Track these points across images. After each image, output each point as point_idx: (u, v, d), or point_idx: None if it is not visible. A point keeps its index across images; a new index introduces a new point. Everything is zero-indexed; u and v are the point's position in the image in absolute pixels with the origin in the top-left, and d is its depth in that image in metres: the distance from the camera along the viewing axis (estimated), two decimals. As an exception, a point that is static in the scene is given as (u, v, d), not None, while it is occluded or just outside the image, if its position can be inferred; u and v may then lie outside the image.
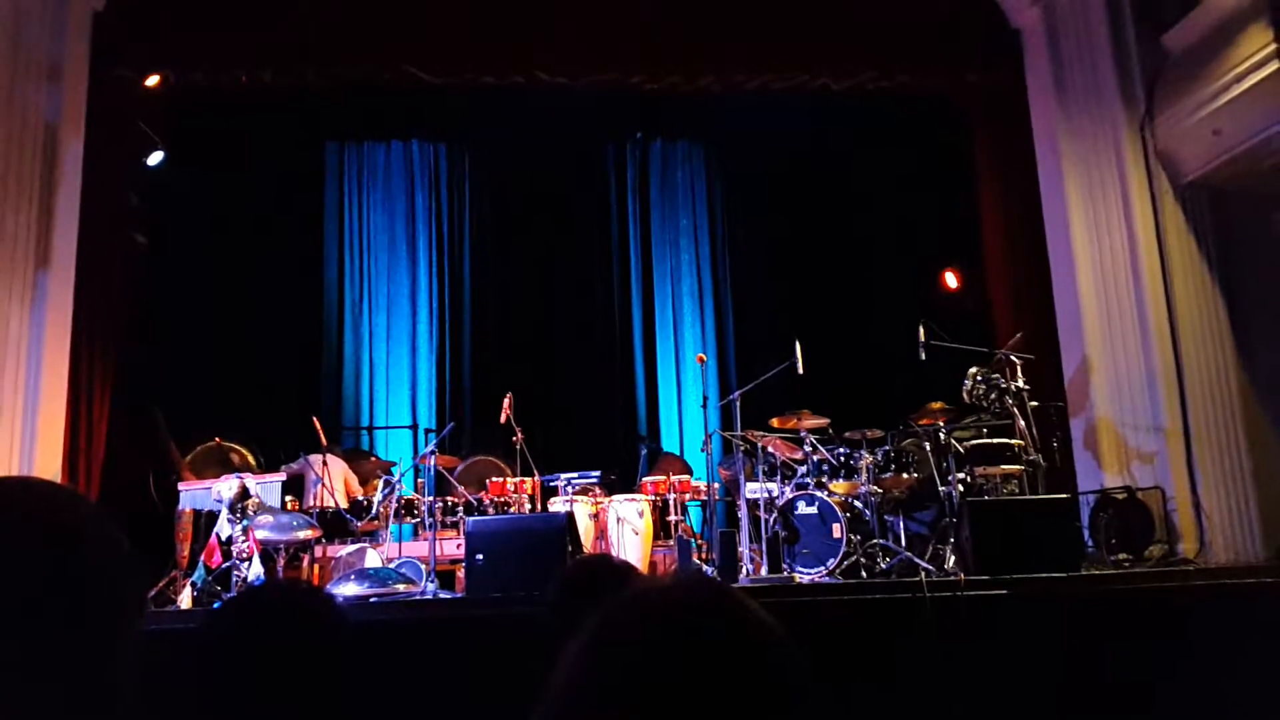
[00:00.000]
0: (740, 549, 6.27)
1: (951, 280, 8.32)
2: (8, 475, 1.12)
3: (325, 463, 6.78)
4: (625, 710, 0.88)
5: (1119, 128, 7.22)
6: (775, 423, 6.77)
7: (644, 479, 7.46)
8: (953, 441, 6.40)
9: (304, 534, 6.08)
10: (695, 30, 7.84)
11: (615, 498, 7.00)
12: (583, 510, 6.79)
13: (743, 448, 6.96)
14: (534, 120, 9.09)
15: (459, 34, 7.75)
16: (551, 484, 7.16)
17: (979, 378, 6.56)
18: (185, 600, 5.74)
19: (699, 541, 6.94)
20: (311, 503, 6.89)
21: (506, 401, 7.14)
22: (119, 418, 7.08)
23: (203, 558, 5.74)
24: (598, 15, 7.76)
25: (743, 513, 6.57)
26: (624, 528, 6.79)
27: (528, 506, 6.97)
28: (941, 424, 6.49)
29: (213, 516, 6.03)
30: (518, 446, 7.14)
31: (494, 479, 7.17)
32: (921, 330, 6.71)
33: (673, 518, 7.04)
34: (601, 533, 6.81)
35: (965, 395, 6.64)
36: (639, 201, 10.27)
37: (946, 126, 8.61)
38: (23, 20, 6.70)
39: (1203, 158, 6.89)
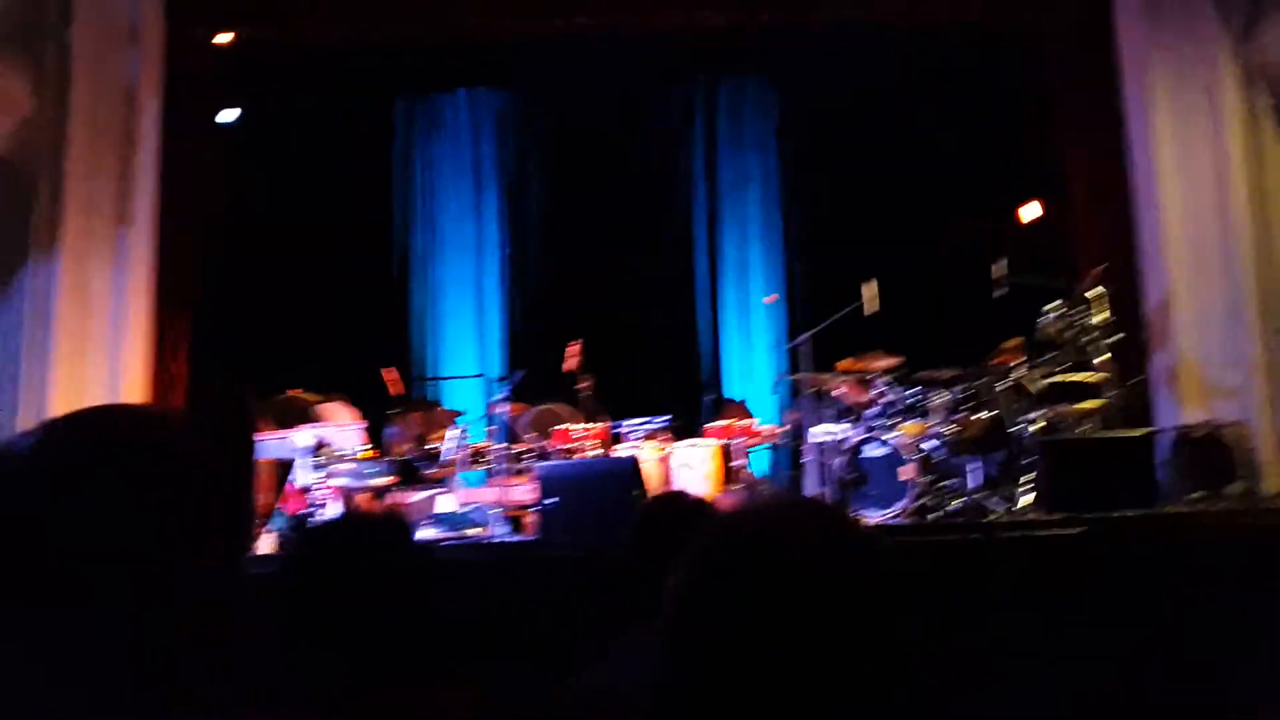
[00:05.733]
0: (807, 492, 6.26)
1: (1028, 214, 8.04)
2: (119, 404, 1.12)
3: (396, 414, 6.93)
4: (744, 608, 0.93)
5: (1214, 46, 6.86)
6: (845, 364, 6.69)
7: (708, 424, 7.45)
8: (1028, 380, 6.24)
9: (379, 481, 6.27)
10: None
11: (680, 443, 7.01)
12: (649, 456, 6.82)
13: (810, 390, 6.90)
14: (599, 64, 8.97)
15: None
16: (617, 430, 7.21)
17: (1057, 314, 6.37)
18: (266, 546, 5.96)
19: (765, 485, 6.94)
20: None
21: (574, 348, 7.19)
22: (199, 371, 7.32)
23: (280, 504, 5.95)
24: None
25: (809, 456, 6.53)
26: (690, 473, 6.81)
27: (594, 453, 7.02)
28: (1017, 362, 6.33)
29: (290, 466, 6.23)
30: (584, 393, 7.19)
31: (561, 426, 7.23)
32: (996, 266, 6.53)
33: (738, 462, 7.03)
34: (667, 478, 6.85)
35: (1043, 332, 6.45)
36: (705, 143, 10.14)
37: (1025, 57, 8.26)
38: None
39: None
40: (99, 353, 6.56)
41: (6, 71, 6.33)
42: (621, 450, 6.98)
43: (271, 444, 6.26)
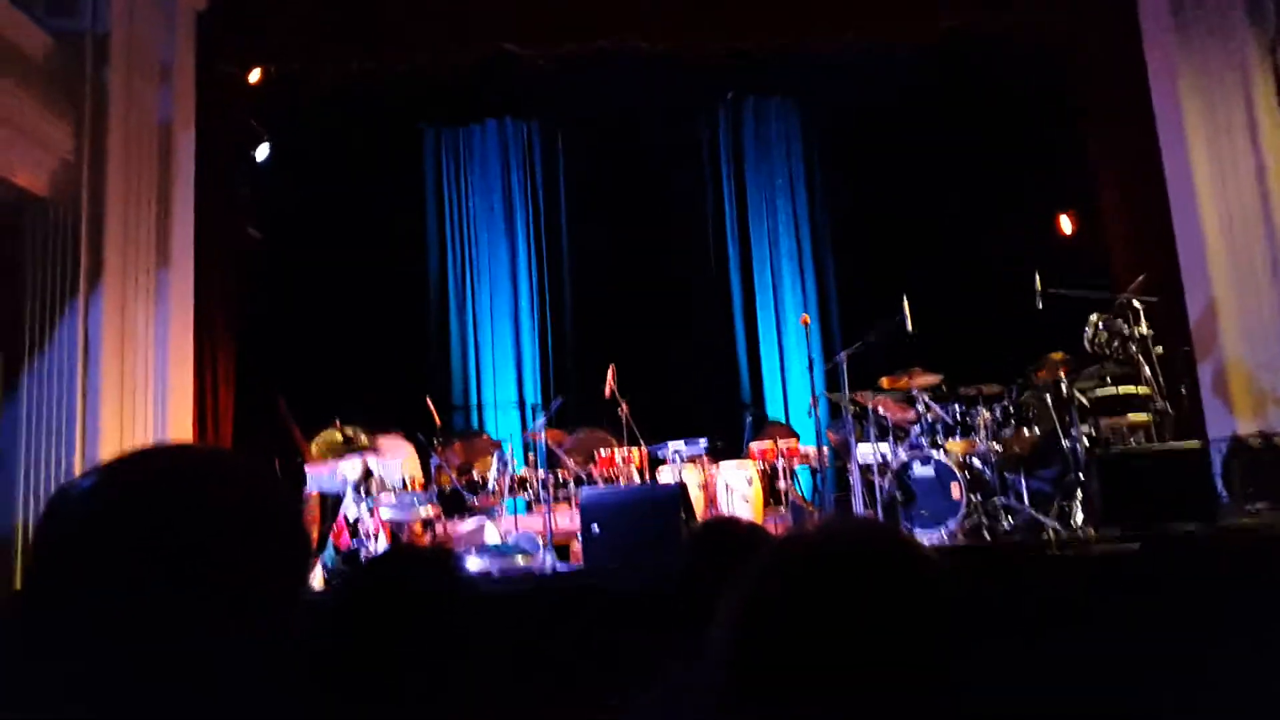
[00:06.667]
0: (855, 513, 6.20)
1: (1067, 225, 7.99)
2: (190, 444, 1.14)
3: (439, 444, 6.93)
4: (810, 635, 0.92)
5: (1246, 52, 6.83)
6: (885, 382, 6.64)
7: (750, 445, 7.41)
8: (1075, 393, 6.17)
9: (425, 511, 6.26)
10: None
11: (723, 465, 6.97)
12: (692, 479, 6.78)
13: (852, 410, 6.85)
14: (623, 89, 9.02)
15: (548, 7, 7.78)
16: (659, 454, 7.17)
17: (1100, 325, 6.30)
18: (316, 580, 5.95)
19: (810, 508, 6.88)
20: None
21: (610, 373, 7.18)
22: (243, 405, 7.35)
23: (331, 538, 5.94)
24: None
25: (855, 476, 6.47)
26: (733, 495, 6.76)
27: (636, 478, 6.99)
28: (1062, 375, 6.26)
29: (338, 498, 6.23)
30: (623, 418, 7.17)
31: (602, 451, 7.21)
32: (1037, 278, 6.48)
33: (782, 484, 6.97)
34: (711, 501, 6.81)
35: (1086, 344, 6.38)
36: (733, 163, 10.14)
37: (1053, 66, 8.22)
38: (136, 22, 6.94)
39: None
40: (144, 388, 6.59)
41: (47, 114, 6.40)
42: (663, 474, 6.95)
43: (320, 476, 6.26)
